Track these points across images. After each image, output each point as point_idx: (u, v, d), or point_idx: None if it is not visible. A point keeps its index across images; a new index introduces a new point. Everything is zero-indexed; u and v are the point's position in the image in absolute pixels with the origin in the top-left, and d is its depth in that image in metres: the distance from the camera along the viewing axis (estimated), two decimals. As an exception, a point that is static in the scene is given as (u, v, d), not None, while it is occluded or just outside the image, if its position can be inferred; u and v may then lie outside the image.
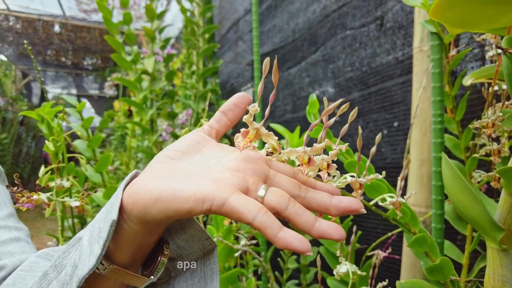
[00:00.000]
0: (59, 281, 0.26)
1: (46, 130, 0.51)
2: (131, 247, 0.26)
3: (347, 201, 0.23)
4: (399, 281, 0.37)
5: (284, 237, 0.20)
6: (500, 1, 0.19)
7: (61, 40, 5.47)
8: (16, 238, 0.38)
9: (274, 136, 0.25)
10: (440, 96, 0.42)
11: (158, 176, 0.24)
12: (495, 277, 0.30)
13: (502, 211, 0.29)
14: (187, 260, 0.30)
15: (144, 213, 0.23)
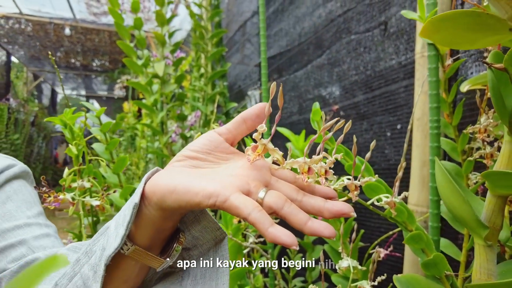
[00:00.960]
0: (90, 264, 0.30)
1: (69, 135, 0.55)
2: (151, 230, 0.30)
3: (339, 206, 0.26)
4: (396, 275, 0.40)
5: (273, 231, 0.23)
6: (477, 29, 0.23)
7: (71, 42, 5.57)
8: (47, 234, 0.42)
9: (279, 151, 0.29)
10: (437, 103, 0.45)
11: (177, 173, 0.29)
12: (482, 270, 0.33)
13: (487, 211, 0.32)
14: (201, 249, 0.34)
15: (162, 201, 0.27)
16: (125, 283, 0.32)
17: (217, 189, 0.25)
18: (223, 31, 1.56)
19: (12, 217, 0.41)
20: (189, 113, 1.71)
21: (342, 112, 1.12)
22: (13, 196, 0.43)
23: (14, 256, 0.39)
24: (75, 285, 0.31)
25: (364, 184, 0.43)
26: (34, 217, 0.43)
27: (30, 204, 0.44)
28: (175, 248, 0.32)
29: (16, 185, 0.45)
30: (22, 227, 0.41)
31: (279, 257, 1.13)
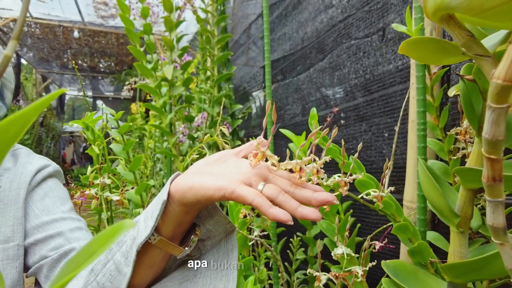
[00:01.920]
0: (121, 252, 0.36)
1: (91, 136, 0.61)
2: (173, 223, 0.36)
3: (324, 195, 0.32)
4: (384, 261, 0.45)
5: (273, 211, 0.29)
6: (440, 52, 0.28)
7: (79, 44, 5.67)
8: (79, 227, 0.48)
9: (275, 157, 0.35)
10: (423, 107, 0.50)
11: (193, 174, 0.35)
12: (455, 254, 0.38)
13: (460, 202, 0.37)
14: (214, 240, 0.40)
15: (183, 197, 0.33)
16: (150, 268, 0.38)
17: (225, 184, 0.32)
18: (229, 36, 1.61)
19: (50, 212, 0.47)
20: (196, 114, 1.77)
21: (342, 114, 1.17)
22: (49, 193, 0.49)
23: (53, 246, 0.45)
24: (108, 269, 0.37)
25: (356, 180, 0.48)
26: (67, 212, 0.49)
27: (64, 200, 0.50)
28: (192, 239, 0.38)
29: (51, 183, 0.50)
30: (59, 220, 0.47)
31: (282, 251, 1.19)
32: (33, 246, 0.45)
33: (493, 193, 0.24)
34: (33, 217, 0.46)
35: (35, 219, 0.46)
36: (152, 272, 0.39)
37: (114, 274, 0.36)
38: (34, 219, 0.46)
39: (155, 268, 0.39)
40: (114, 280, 0.36)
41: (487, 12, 0.21)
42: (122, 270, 0.36)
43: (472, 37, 0.24)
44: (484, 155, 0.23)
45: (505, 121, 0.21)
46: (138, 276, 0.38)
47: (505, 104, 0.20)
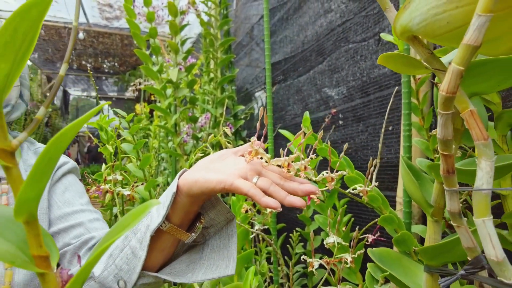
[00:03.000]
0: (136, 238, 0.41)
1: (105, 136, 0.66)
2: (181, 212, 0.42)
3: (308, 187, 0.37)
4: (370, 249, 0.50)
5: (265, 200, 0.35)
6: (409, 65, 0.33)
7: (84, 45, 5.75)
8: (97, 218, 0.54)
9: (267, 154, 0.40)
10: (408, 109, 0.55)
11: (198, 170, 0.41)
12: (430, 240, 0.43)
13: (434, 194, 0.42)
14: (217, 227, 0.45)
15: (189, 189, 0.39)
16: (162, 252, 0.44)
17: (225, 177, 0.38)
18: (231, 39, 1.67)
19: (71, 204, 0.53)
20: (199, 115, 1.82)
21: (341, 115, 1.22)
22: (69, 187, 0.55)
23: (74, 234, 0.50)
24: (125, 254, 0.42)
25: (345, 177, 0.53)
26: (85, 205, 0.55)
27: (81, 194, 0.56)
28: (198, 226, 0.44)
29: (70, 178, 0.56)
30: (78, 212, 0.52)
31: (282, 246, 1.24)
32: (57, 234, 0.51)
33: (449, 184, 0.29)
34: (56, 209, 0.52)
35: (57, 210, 0.52)
36: (163, 256, 0.45)
37: (130, 258, 0.42)
38: (57, 210, 0.52)
39: (165, 252, 0.45)
40: (130, 263, 0.42)
41: (438, 37, 0.26)
42: (138, 253, 0.41)
43: (432, 54, 0.29)
44: (440, 152, 0.28)
45: (451, 124, 0.26)
46: (151, 259, 0.44)
47: (450, 111, 0.25)
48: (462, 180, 0.40)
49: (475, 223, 0.27)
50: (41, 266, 0.21)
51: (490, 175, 0.26)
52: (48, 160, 0.20)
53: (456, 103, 0.28)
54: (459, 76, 0.23)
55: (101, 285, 0.44)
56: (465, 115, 0.27)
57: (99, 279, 0.44)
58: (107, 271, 0.44)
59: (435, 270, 0.39)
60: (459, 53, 0.22)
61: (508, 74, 0.31)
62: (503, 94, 0.65)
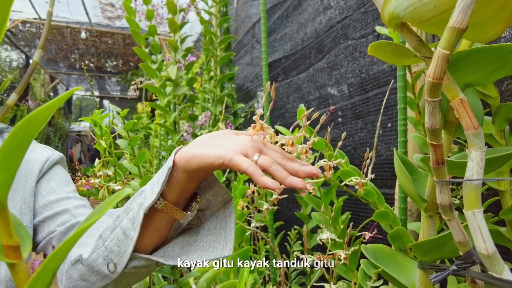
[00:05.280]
0: (128, 218, 0.40)
1: (99, 132, 0.65)
2: (177, 189, 0.40)
3: (310, 168, 0.36)
4: (364, 245, 0.49)
5: (263, 179, 0.33)
6: (398, 54, 0.32)
7: (86, 45, 5.77)
8: (83, 205, 0.53)
9: (271, 128, 0.39)
10: (404, 104, 0.54)
11: (196, 146, 0.39)
12: (424, 235, 0.42)
13: (428, 189, 0.41)
14: (213, 209, 0.44)
15: (186, 164, 0.37)
16: (156, 232, 0.43)
17: (224, 153, 0.35)
18: (231, 37, 1.66)
19: (55, 192, 0.52)
20: (199, 113, 1.82)
21: (340, 112, 1.21)
22: (54, 176, 0.54)
23: (60, 221, 0.49)
24: (116, 235, 0.41)
25: (340, 171, 0.52)
26: (71, 192, 0.54)
27: (67, 183, 0.55)
28: (194, 206, 0.42)
29: (56, 169, 0.56)
30: (64, 199, 0.52)
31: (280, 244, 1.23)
32: (42, 223, 0.50)
33: (439, 175, 0.28)
34: (40, 198, 0.51)
35: (42, 199, 0.51)
36: (156, 237, 0.43)
37: (121, 239, 0.41)
38: (41, 200, 0.51)
39: (159, 233, 0.43)
40: (121, 244, 0.41)
41: (425, 22, 0.25)
42: (129, 234, 0.40)
43: (421, 42, 0.28)
44: (428, 142, 0.27)
45: (439, 113, 0.25)
46: (143, 240, 0.42)
47: (437, 98, 0.24)
48: (457, 173, 0.39)
49: (465, 216, 0.26)
50: (11, 256, 0.20)
51: (481, 166, 0.25)
52: (16, 145, 0.19)
53: (446, 92, 0.27)
54: (445, 60, 0.22)
55: (90, 268, 0.42)
56: (455, 104, 0.26)
57: (87, 261, 0.42)
58: (96, 253, 0.42)
59: (428, 266, 0.38)
60: (444, 36, 0.22)
61: (501, 62, 0.30)
62: (502, 89, 0.64)
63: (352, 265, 0.74)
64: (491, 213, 0.54)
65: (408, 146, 0.80)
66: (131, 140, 0.73)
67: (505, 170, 0.49)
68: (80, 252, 0.44)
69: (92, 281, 0.43)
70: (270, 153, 0.37)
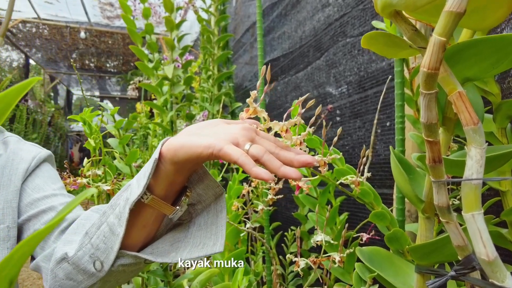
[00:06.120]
0: (114, 214, 0.38)
1: (88, 130, 0.64)
2: (165, 182, 0.38)
3: (305, 157, 0.34)
4: (359, 247, 0.47)
5: (255, 170, 0.31)
6: (392, 45, 0.30)
7: (86, 45, 5.76)
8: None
9: (265, 112, 0.37)
10: (401, 101, 0.52)
11: (184, 135, 0.37)
12: (422, 238, 0.40)
13: (426, 189, 0.39)
14: (204, 204, 0.42)
15: (174, 155, 0.35)
16: (143, 228, 0.41)
17: (214, 142, 0.33)
18: (229, 35, 1.64)
19: (41, 190, 0.50)
20: (197, 112, 1.80)
21: (338, 111, 1.19)
22: (40, 174, 0.52)
23: (46, 219, 0.47)
24: (102, 231, 0.39)
25: (335, 169, 0.50)
26: (58, 189, 0.52)
27: (54, 180, 0.53)
28: (183, 200, 0.40)
29: (43, 166, 0.54)
30: (50, 196, 0.50)
31: (277, 246, 1.21)
32: (27, 222, 0.48)
33: (436, 174, 0.26)
34: (25, 196, 0.49)
35: (27, 197, 0.49)
36: (145, 233, 0.41)
37: (108, 235, 0.39)
38: (26, 198, 0.49)
39: (148, 228, 0.41)
40: (108, 241, 0.39)
41: (420, 9, 0.23)
42: (116, 230, 0.38)
43: (416, 31, 0.26)
44: (424, 139, 0.25)
45: (436, 106, 0.23)
46: (131, 236, 0.40)
47: (433, 90, 0.22)
48: (456, 173, 0.37)
49: (464, 218, 0.24)
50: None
51: (481, 164, 0.24)
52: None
53: (443, 85, 0.25)
54: (441, 48, 0.20)
55: (76, 266, 0.40)
56: (453, 97, 0.24)
57: (73, 260, 0.40)
58: (82, 250, 0.40)
59: (425, 271, 0.36)
60: (440, 22, 0.20)
61: (502, 54, 0.28)
62: (503, 86, 0.62)
63: (349, 267, 0.72)
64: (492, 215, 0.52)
65: (407, 145, 0.78)
66: (122, 138, 0.71)
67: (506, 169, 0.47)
68: (66, 250, 0.42)
69: (78, 280, 0.41)
70: (262, 142, 0.35)
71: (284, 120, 0.37)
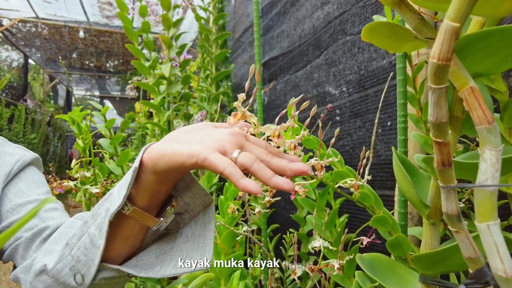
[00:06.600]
0: (95, 224, 0.36)
1: (76, 130, 0.61)
2: (147, 193, 0.35)
3: (299, 165, 0.31)
4: (359, 254, 0.45)
5: (243, 182, 0.28)
6: (395, 37, 0.27)
7: (85, 44, 5.73)
8: (55, 208, 0.48)
9: (255, 116, 0.34)
10: (404, 99, 0.49)
11: (167, 142, 0.34)
12: (426, 246, 0.37)
13: (431, 193, 0.37)
14: (192, 213, 0.40)
15: (155, 164, 0.32)
16: (127, 239, 0.38)
17: (198, 150, 0.30)
18: (227, 34, 1.62)
19: (24, 195, 0.47)
20: (196, 112, 1.77)
21: (338, 111, 1.16)
22: (24, 178, 0.49)
23: (27, 226, 0.45)
24: (83, 242, 0.37)
25: (334, 171, 0.48)
26: (43, 194, 0.49)
27: (39, 184, 0.51)
28: (168, 210, 0.37)
29: (28, 170, 0.51)
30: (33, 202, 0.47)
31: (276, 248, 1.18)
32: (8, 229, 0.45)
33: (445, 179, 0.24)
34: (7, 201, 0.46)
35: (9, 202, 0.46)
36: (128, 245, 0.39)
37: (89, 247, 0.36)
38: (8, 203, 0.46)
39: (131, 240, 0.39)
40: (89, 253, 0.36)
41: (428, -8, 0.21)
42: (96, 242, 0.35)
43: (422, 20, 0.24)
44: (432, 140, 0.23)
45: (446, 103, 0.21)
46: (113, 248, 0.38)
47: (443, 84, 0.20)
48: (465, 176, 0.35)
49: (478, 229, 0.21)
50: None
51: (496, 168, 0.21)
52: None
53: (453, 80, 0.23)
54: (454, 35, 0.17)
55: (55, 279, 0.38)
56: (464, 93, 0.21)
57: (52, 272, 0.38)
58: (62, 263, 0.38)
59: (431, 281, 0.34)
60: (453, 5, 0.17)
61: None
62: (511, 84, 0.59)
63: (349, 271, 0.70)
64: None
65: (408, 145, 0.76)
66: (113, 138, 0.69)
67: (515, 171, 0.44)
68: (45, 261, 0.40)
69: None
70: (252, 148, 0.32)
71: (276, 124, 0.34)
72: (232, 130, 0.34)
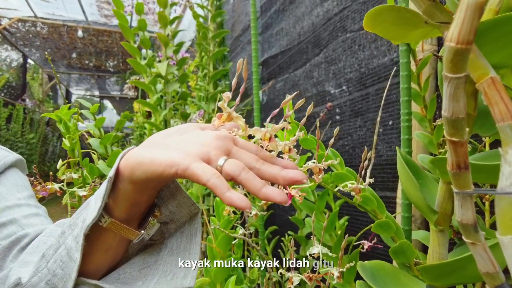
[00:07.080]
0: (72, 235, 0.33)
1: (63, 129, 0.58)
2: (126, 203, 0.32)
3: (293, 173, 0.27)
4: (361, 262, 0.42)
5: (229, 195, 0.25)
6: (401, 23, 0.24)
7: (84, 44, 5.71)
8: (36, 214, 0.45)
9: (242, 118, 0.31)
10: (408, 96, 0.46)
11: (146, 148, 0.31)
12: (434, 254, 0.34)
13: (439, 197, 0.34)
14: (178, 223, 0.37)
15: (132, 173, 0.29)
16: (107, 252, 0.35)
17: (178, 159, 0.27)
18: (224, 32, 1.59)
19: (3, 199, 0.44)
20: (194, 111, 1.74)
21: (338, 109, 1.13)
22: (4, 181, 0.46)
23: (5, 234, 0.42)
24: (59, 255, 0.33)
25: (334, 173, 0.45)
26: (24, 199, 0.46)
27: (21, 188, 0.48)
28: (150, 221, 0.34)
29: (10, 172, 0.48)
30: (12, 207, 0.44)
31: (274, 251, 1.15)
32: None
33: (460, 184, 0.21)
34: None
35: None
36: (109, 257, 0.36)
37: (66, 260, 0.33)
38: None
39: (111, 253, 0.36)
40: (65, 266, 0.33)
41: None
42: (73, 255, 0.32)
43: (434, 2, 0.21)
44: (446, 138, 0.20)
45: (464, 95, 0.18)
46: (92, 262, 0.35)
47: (462, 73, 0.17)
48: (476, 179, 0.32)
49: (500, 242, 0.18)
50: None
51: (521, 172, 0.18)
52: None
53: (470, 70, 0.20)
54: (478, 12, 0.14)
55: None
56: (484, 85, 0.18)
57: (26, 286, 0.35)
58: (38, 276, 0.34)
59: (440, 294, 0.31)
60: (478, -26, 0.14)
61: (540, 33, 0.23)
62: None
63: (350, 276, 0.67)
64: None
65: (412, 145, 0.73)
66: (103, 138, 0.66)
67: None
68: (20, 273, 0.36)
69: None
70: (240, 154, 0.29)
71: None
72: (218, 133, 0.30)
